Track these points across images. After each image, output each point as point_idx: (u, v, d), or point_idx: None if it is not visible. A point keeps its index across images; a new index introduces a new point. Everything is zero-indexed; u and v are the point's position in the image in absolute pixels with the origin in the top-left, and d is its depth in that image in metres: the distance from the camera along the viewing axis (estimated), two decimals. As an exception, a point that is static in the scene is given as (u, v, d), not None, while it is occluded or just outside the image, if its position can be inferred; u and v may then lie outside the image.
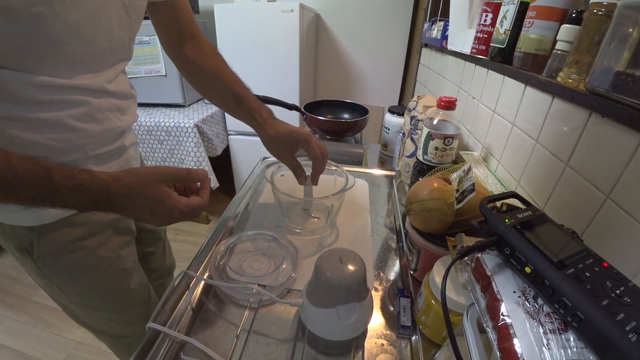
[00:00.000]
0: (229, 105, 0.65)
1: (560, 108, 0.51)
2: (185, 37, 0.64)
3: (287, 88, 1.78)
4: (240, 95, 0.63)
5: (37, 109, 0.41)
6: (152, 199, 0.42)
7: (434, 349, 0.44)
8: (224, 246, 0.59)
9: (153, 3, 0.57)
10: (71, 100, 0.44)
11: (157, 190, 0.42)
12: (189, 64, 0.65)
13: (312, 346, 0.45)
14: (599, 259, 0.29)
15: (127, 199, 0.41)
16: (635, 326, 0.23)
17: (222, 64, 0.65)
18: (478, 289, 0.32)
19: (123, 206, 0.41)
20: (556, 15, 0.53)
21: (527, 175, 0.59)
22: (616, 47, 0.37)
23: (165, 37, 0.64)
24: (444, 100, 0.61)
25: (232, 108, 0.65)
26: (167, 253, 0.83)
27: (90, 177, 0.39)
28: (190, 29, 0.64)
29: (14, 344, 1.33)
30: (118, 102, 0.52)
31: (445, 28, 1.08)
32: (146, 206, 0.42)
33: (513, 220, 0.32)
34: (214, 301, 0.52)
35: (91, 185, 0.38)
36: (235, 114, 0.65)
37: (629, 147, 0.37)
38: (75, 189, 0.37)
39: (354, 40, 2.06)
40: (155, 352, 0.43)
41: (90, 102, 0.46)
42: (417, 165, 0.69)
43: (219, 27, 1.70)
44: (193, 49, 0.64)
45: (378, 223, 0.72)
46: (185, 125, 1.66)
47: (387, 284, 0.56)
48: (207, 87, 0.66)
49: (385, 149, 1.20)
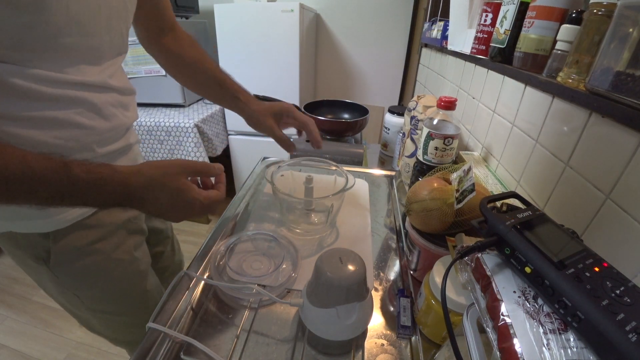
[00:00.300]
0: (212, 91, 0.66)
1: (560, 108, 0.51)
2: (166, 29, 0.64)
3: (287, 88, 1.78)
4: (222, 79, 0.65)
5: (42, 106, 0.41)
6: (173, 191, 0.41)
7: (434, 349, 0.44)
8: (224, 246, 0.59)
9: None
10: (76, 97, 0.44)
11: (178, 182, 0.42)
12: (170, 55, 0.65)
13: (312, 346, 0.45)
14: (599, 259, 0.29)
15: (147, 191, 0.40)
16: (635, 326, 0.23)
17: (202, 53, 0.66)
18: (478, 289, 0.32)
19: (142, 199, 0.40)
20: (556, 15, 0.53)
21: (527, 175, 0.59)
22: (616, 47, 0.37)
23: (145, 29, 0.63)
24: (444, 100, 0.61)
25: (216, 93, 0.66)
26: (175, 250, 0.84)
27: (109, 170, 0.38)
28: (171, 20, 0.64)
29: (14, 344, 1.33)
30: (121, 97, 0.52)
31: (445, 28, 1.08)
32: (166, 198, 0.41)
33: (513, 220, 0.32)
34: (214, 301, 0.52)
35: (111, 178, 0.38)
36: (218, 98, 0.67)
37: (629, 147, 0.37)
38: (94, 183, 0.37)
39: (354, 40, 2.06)
40: (155, 352, 0.43)
41: (96, 98, 0.46)
42: (417, 165, 0.69)
43: (219, 27, 1.70)
44: (174, 41, 0.65)
45: (378, 223, 0.72)
46: (185, 125, 1.66)
47: (387, 284, 0.56)
48: (190, 76, 0.67)
49: (385, 149, 1.20)
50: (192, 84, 0.68)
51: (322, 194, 0.62)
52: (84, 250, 0.51)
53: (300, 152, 1.04)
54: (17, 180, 0.32)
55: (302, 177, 0.68)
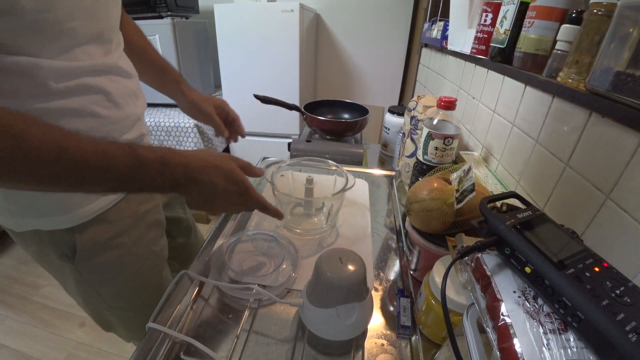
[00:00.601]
0: (155, 77, 0.68)
1: (560, 108, 0.51)
2: None
3: (287, 88, 1.78)
4: (165, 66, 0.67)
5: (59, 97, 0.41)
6: (227, 173, 0.44)
7: (434, 349, 0.44)
8: (224, 246, 0.59)
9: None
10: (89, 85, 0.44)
11: (230, 165, 0.44)
12: None
13: (312, 346, 0.45)
14: (599, 259, 0.29)
15: (203, 173, 0.41)
16: (635, 326, 0.23)
17: (146, 39, 0.67)
18: (478, 289, 0.32)
19: (196, 181, 0.41)
20: (556, 15, 0.53)
21: (527, 175, 0.59)
22: (616, 47, 0.37)
23: None
24: (444, 100, 0.61)
25: (158, 78, 0.68)
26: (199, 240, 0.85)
27: (169, 151, 0.39)
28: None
29: (14, 344, 1.33)
30: (131, 85, 0.53)
31: (445, 28, 1.08)
32: (220, 179, 0.43)
33: (513, 220, 0.32)
34: (214, 301, 0.52)
35: (172, 158, 0.39)
36: (159, 85, 0.69)
37: (629, 147, 0.37)
38: (159, 162, 0.38)
39: (354, 40, 2.06)
40: (155, 352, 0.43)
41: (108, 86, 0.47)
42: (417, 165, 0.69)
43: (219, 27, 1.70)
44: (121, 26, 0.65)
45: (378, 223, 0.72)
46: (185, 125, 1.66)
47: (387, 284, 0.56)
48: (135, 61, 0.66)
49: (385, 149, 1.20)
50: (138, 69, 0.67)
51: (322, 194, 0.62)
52: (105, 244, 0.52)
53: (300, 152, 1.04)
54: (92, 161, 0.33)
55: (302, 177, 0.68)
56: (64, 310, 1.46)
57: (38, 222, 0.47)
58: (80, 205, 0.48)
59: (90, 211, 0.49)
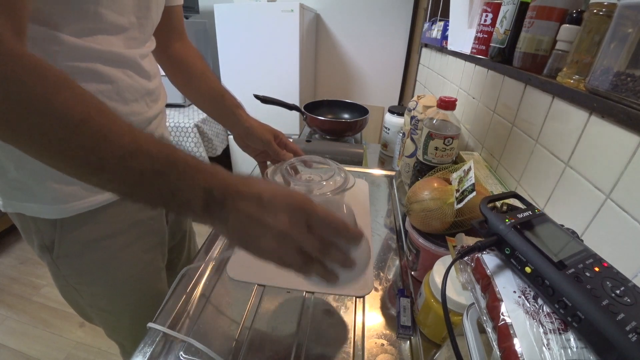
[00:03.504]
0: (213, 102, 0.67)
1: (560, 108, 0.51)
2: (175, 37, 0.64)
3: (287, 88, 1.79)
4: (224, 92, 0.67)
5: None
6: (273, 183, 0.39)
7: (434, 349, 0.44)
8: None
9: None
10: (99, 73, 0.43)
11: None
12: (178, 63, 0.66)
13: (312, 345, 0.45)
14: (599, 258, 0.29)
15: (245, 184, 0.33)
16: (635, 326, 0.23)
17: (206, 65, 0.68)
18: (478, 289, 0.32)
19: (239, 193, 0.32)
20: (556, 15, 0.53)
21: (527, 175, 0.59)
22: (616, 47, 0.37)
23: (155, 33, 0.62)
24: (444, 100, 0.61)
25: (217, 103, 0.67)
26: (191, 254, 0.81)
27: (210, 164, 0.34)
28: (181, 28, 0.65)
29: (14, 344, 1.33)
30: (149, 85, 0.52)
31: (445, 28, 1.08)
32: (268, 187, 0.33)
33: (513, 220, 0.32)
34: (214, 301, 0.52)
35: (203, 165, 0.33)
36: (217, 110, 0.68)
37: (629, 147, 0.37)
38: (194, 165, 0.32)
39: (354, 40, 2.07)
40: (155, 352, 0.43)
41: (120, 78, 0.46)
42: (417, 165, 0.69)
43: (219, 27, 1.70)
44: (182, 49, 0.65)
45: (378, 223, 0.72)
46: (185, 125, 1.66)
47: (387, 284, 0.56)
48: (195, 85, 0.68)
49: (385, 149, 1.20)
50: (195, 94, 0.68)
51: (322, 194, 0.62)
52: (89, 245, 0.51)
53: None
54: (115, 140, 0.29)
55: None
56: (64, 310, 1.46)
57: (22, 207, 0.47)
58: (67, 199, 0.46)
59: (75, 207, 0.47)
